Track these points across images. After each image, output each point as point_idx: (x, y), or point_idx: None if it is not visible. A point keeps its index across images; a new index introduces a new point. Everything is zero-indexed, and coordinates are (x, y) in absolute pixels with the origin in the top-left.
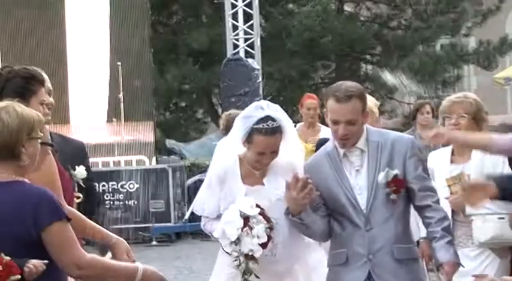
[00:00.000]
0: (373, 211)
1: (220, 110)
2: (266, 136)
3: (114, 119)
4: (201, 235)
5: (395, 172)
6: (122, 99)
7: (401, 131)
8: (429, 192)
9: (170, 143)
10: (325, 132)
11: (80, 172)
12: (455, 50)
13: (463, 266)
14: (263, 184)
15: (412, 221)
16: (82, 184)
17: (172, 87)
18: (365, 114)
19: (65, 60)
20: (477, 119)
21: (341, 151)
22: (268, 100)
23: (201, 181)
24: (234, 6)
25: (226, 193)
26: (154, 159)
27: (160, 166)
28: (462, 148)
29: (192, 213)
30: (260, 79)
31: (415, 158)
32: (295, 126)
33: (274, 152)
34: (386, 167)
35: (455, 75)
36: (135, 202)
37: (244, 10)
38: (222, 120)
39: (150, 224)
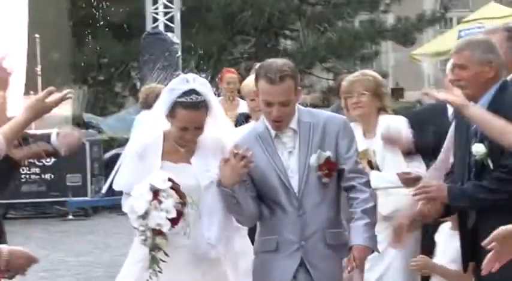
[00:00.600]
0: (305, 194)
1: (138, 84)
2: (189, 110)
3: (32, 92)
4: (117, 210)
5: (328, 154)
6: (39, 72)
7: (321, 106)
8: (357, 174)
9: (88, 117)
10: (243, 106)
11: None
12: (373, 26)
13: (378, 252)
14: (189, 163)
15: None
16: None
17: (90, 61)
18: (298, 92)
19: None
20: (378, 95)
21: (273, 132)
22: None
23: (118, 155)
24: None
25: (146, 169)
26: None
27: None
28: (368, 124)
29: (110, 187)
30: (179, 53)
31: (348, 139)
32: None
33: (199, 129)
34: (318, 148)
35: (373, 51)
36: (52, 176)
37: None
38: (141, 93)
39: (67, 198)
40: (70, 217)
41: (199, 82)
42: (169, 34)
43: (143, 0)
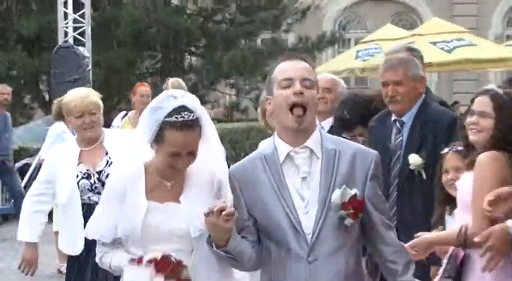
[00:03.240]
0: (320, 237)
1: (47, 97)
2: (181, 131)
3: None
4: None
5: (354, 191)
6: None
7: (224, 121)
8: (387, 219)
9: None
10: None
11: None
12: (275, 45)
13: None
14: (178, 202)
15: None
16: None
17: (0, 72)
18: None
19: None
20: None
21: (284, 150)
22: (96, 88)
23: (28, 165)
24: None
25: (126, 210)
26: None
27: None
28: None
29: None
30: (90, 67)
31: (379, 180)
32: (126, 114)
33: (192, 154)
34: (344, 183)
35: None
36: None
37: None
38: (54, 105)
39: None
40: None
41: (189, 98)
42: (81, 48)
43: (55, 14)
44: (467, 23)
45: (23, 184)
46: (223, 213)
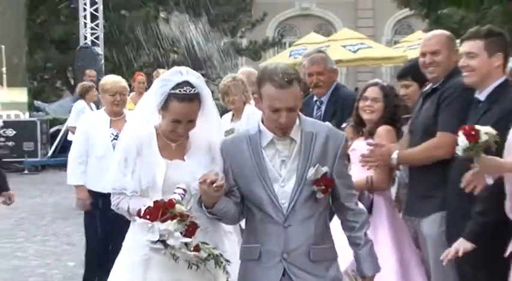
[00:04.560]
0: (295, 208)
1: (72, 82)
2: (183, 102)
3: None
4: (60, 167)
5: (326, 169)
6: (4, 72)
7: None
8: (352, 190)
9: (38, 103)
10: None
11: None
12: (233, 46)
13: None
14: (183, 159)
15: None
16: None
17: (39, 65)
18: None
19: None
20: (245, 93)
21: (268, 137)
22: None
23: (59, 130)
24: (84, 10)
25: (145, 167)
26: (27, 114)
27: (31, 119)
28: (237, 113)
29: (54, 151)
30: (102, 61)
31: (345, 155)
32: (128, 95)
33: (191, 122)
34: (318, 162)
35: (233, 64)
36: (13, 143)
37: (91, 13)
38: (77, 88)
39: (24, 159)
40: (26, 172)
41: (193, 75)
42: (96, 48)
43: (77, 24)
44: (367, 32)
45: (54, 144)
46: (214, 185)
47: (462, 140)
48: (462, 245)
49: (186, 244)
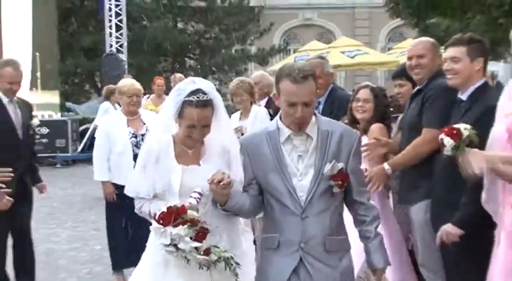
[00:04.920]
0: (312, 200)
1: (99, 85)
2: (197, 108)
3: (34, 88)
4: (88, 162)
5: (341, 165)
6: (39, 77)
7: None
8: (364, 187)
9: (69, 104)
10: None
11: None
12: (243, 53)
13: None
14: (199, 165)
15: None
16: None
17: (70, 70)
18: (316, 94)
19: (1, 52)
20: (251, 94)
21: (285, 133)
22: None
23: (87, 129)
24: (110, 21)
25: (162, 173)
26: (59, 114)
27: (63, 118)
28: (245, 112)
29: (83, 147)
30: (126, 67)
31: (359, 155)
32: (149, 97)
33: (206, 127)
34: (333, 158)
35: (243, 68)
36: (47, 140)
37: (116, 23)
38: (104, 91)
39: (56, 154)
40: (58, 166)
41: (205, 83)
42: (120, 55)
43: (103, 34)
44: (364, 39)
45: (83, 141)
46: (221, 183)
47: (448, 141)
48: (450, 230)
49: (196, 247)
